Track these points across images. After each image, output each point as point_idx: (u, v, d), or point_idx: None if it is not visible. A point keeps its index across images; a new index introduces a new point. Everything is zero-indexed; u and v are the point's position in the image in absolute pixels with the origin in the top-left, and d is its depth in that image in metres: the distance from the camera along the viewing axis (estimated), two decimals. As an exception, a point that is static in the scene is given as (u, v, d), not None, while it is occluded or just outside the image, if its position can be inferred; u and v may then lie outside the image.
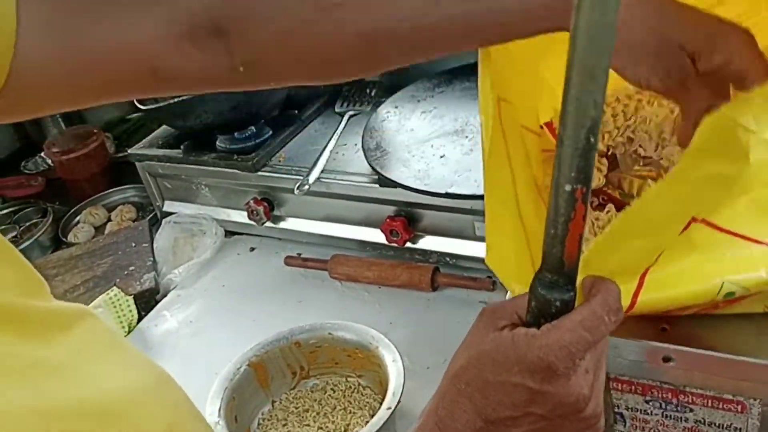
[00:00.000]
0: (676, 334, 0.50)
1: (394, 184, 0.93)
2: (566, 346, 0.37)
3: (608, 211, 0.64)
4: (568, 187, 0.34)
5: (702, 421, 0.52)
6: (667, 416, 0.53)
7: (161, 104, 1.11)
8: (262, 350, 0.85)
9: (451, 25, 0.46)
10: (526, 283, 0.40)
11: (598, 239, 0.50)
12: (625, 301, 0.48)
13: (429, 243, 1.02)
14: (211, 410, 0.78)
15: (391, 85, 1.21)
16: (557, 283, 0.38)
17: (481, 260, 0.97)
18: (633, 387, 0.52)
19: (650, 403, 0.53)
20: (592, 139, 0.32)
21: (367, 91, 1.22)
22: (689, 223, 0.48)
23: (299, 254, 1.12)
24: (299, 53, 0.48)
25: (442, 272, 1.00)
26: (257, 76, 0.50)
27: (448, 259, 1.01)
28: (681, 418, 0.52)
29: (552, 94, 0.67)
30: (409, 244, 1.02)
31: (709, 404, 0.51)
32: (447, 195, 0.87)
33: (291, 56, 0.49)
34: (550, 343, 0.37)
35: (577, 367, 0.38)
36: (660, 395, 0.52)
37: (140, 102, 1.16)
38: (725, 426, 0.51)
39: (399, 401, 0.75)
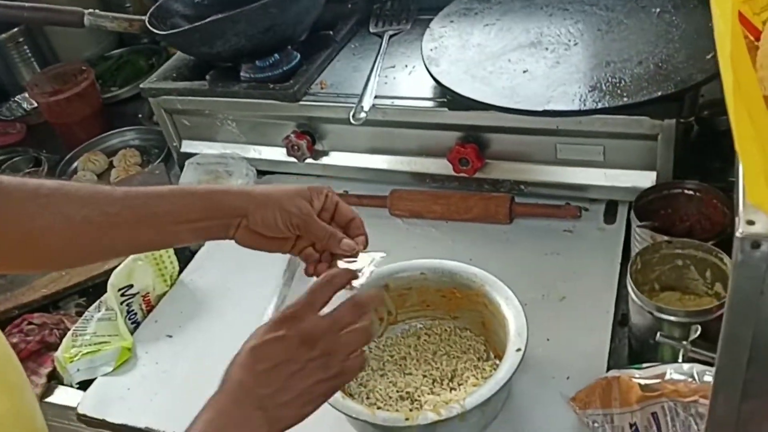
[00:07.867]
0: None
1: (477, 105, 0.83)
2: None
3: None
4: None
5: None
6: None
7: (184, 28, 0.97)
8: (351, 296, 0.75)
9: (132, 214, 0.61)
10: None
11: None
12: None
13: (501, 170, 0.93)
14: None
15: (432, 1, 1.10)
16: None
17: (560, 186, 0.90)
18: None
19: None
20: None
21: (404, 8, 1.11)
22: None
23: (346, 191, 1.02)
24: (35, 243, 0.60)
25: (518, 201, 0.92)
26: None
27: (522, 187, 0.93)
28: None
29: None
30: (477, 174, 0.93)
31: None
32: (545, 113, 0.78)
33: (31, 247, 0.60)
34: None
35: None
36: None
37: (153, 26, 1.02)
38: None
39: (527, 341, 0.67)
